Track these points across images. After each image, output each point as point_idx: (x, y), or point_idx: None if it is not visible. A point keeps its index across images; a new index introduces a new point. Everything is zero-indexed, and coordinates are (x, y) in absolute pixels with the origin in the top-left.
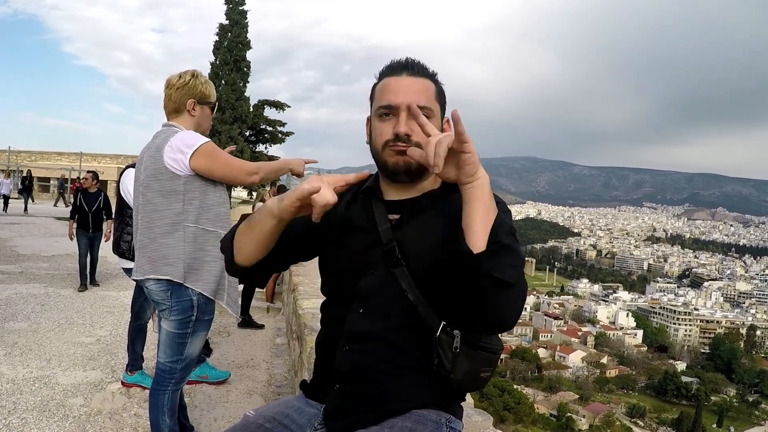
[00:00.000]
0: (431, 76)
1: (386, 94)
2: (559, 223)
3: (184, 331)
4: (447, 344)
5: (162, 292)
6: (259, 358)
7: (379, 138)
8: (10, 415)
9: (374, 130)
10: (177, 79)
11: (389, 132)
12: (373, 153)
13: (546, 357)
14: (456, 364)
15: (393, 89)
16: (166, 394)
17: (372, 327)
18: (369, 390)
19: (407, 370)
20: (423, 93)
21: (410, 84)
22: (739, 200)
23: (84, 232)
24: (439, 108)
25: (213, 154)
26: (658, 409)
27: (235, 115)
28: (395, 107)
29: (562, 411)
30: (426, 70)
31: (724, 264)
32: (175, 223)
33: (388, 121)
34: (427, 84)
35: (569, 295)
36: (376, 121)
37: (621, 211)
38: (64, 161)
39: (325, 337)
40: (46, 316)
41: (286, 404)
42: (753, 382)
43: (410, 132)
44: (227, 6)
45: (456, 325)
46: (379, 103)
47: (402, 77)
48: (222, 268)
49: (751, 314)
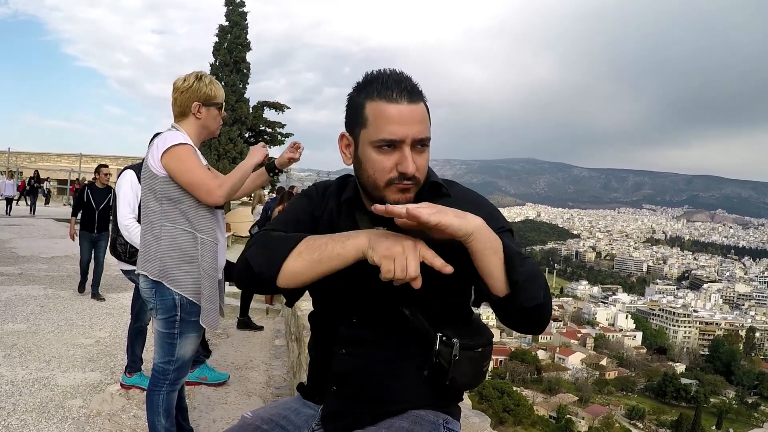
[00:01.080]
0: (423, 96)
1: (387, 125)
2: (558, 225)
3: (171, 331)
4: (446, 354)
5: (148, 289)
6: (258, 360)
7: (381, 174)
8: (9, 416)
9: (371, 161)
10: (181, 83)
11: (392, 168)
12: (369, 184)
13: (545, 359)
14: (459, 371)
15: (395, 120)
16: (161, 395)
17: (367, 334)
18: (367, 392)
19: (404, 371)
20: (423, 123)
21: (411, 114)
22: (738, 202)
23: (87, 233)
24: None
25: (181, 158)
26: (657, 411)
27: (235, 116)
28: (399, 142)
29: (562, 413)
30: (420, 92)
31: (724, 266)
32: (153, 222)
33: (390, 155)
34: (423, 109)
35: (568, 296)
36: (372, 152)
37: (620, 212)
38: (64, 162)
39: (318, 342)
40: (46, 317)
41: (283, 405)
42: (752, 384)
43: (417, 172)
44: (227, 7)
45: (452, 330)
46: (379, 134)
47: (402, 105)
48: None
49: (750, 316)
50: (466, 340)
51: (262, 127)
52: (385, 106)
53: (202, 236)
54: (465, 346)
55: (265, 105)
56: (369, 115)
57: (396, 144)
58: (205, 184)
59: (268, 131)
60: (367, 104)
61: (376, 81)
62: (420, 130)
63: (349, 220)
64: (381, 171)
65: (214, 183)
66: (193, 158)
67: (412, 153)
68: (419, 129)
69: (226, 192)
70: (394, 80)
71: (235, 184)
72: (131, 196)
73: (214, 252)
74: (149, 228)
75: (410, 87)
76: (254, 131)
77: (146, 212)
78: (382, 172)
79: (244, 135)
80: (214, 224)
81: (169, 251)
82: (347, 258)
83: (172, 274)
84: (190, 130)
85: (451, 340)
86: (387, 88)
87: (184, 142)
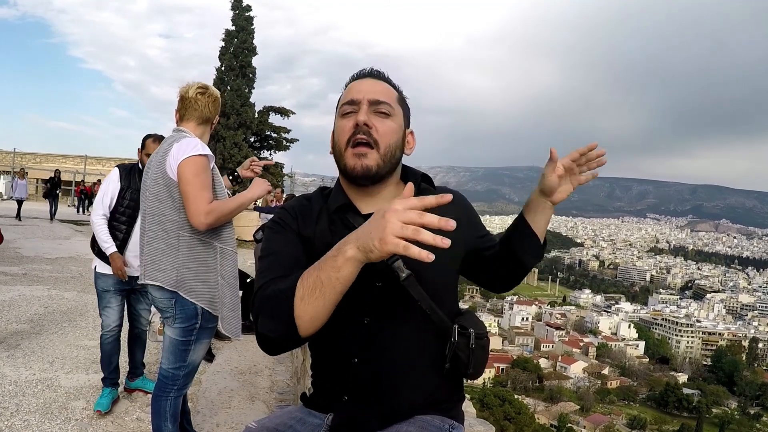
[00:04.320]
0: (393, 84)
1: (348, 94)
2: (562, 233)
3: (188, 338)
4: (464, 345)
5: (167, 299)
6: (262, 365)
7: (341, 136)
8: (12, 416)
9: (336, 129)
10: (215, 91)
11: (350, 126)
12: (336, 157)
13: (547, 367)
14: (475, 360)
15: (356, 89)
16: (168, 400)
17: (381, 336)
18: (381, 398)
19: (418, 371)
20: (384, 93)
21: (372, 83)
22: (742, 212)
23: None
24: (402, 112)
25: (192, 169)
26: (659, 420)
27: (240, 120)
28: (357, 101)
29: (563, 421)
30: (385, 75)
31: (727, 276)
32: (169, 230)
33: (350, 117)
34: (388, 87)
35: (571, 305)
36: (338, 121)
37: (624, 221)
38: (69, 164)
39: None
40: (50, 318)
41: (288, 415)
42: (755, 394)
43: (370, 123)
44: (234, 12)
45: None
46: (342, 102)
47: (364, 80)
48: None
49: (753, 327)
50: (478, 328)
51: (268, 131)
52: (351, 83)
53: (221, 245)
54: (478, 335)
55: (270, 110)
56: (341, 97)
57: (354, 108)
58: (196, 203)
59: (273, 136)
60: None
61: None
62: (377, 93)
63: (346, 228)
64: (341, 132)
65: (204, 207)
66: (205, 174)
67: (370, 114)
68: (377, 92)
69: (212, 220)
70: (366, 69)
71: (224, 215)
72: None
73: (234, 261)
74: (163, 236)
75: (375, 72)
76: (259, 136)
77: (160, 219)
78: (342, 133)
79: (249, 139)
80: (232, 233)
81: (187, 262)
82: (348, 276)
83: (190, 284)
84: (203, 137)
85: (468, 330)
86: (356, 75)
87: (203, 153)
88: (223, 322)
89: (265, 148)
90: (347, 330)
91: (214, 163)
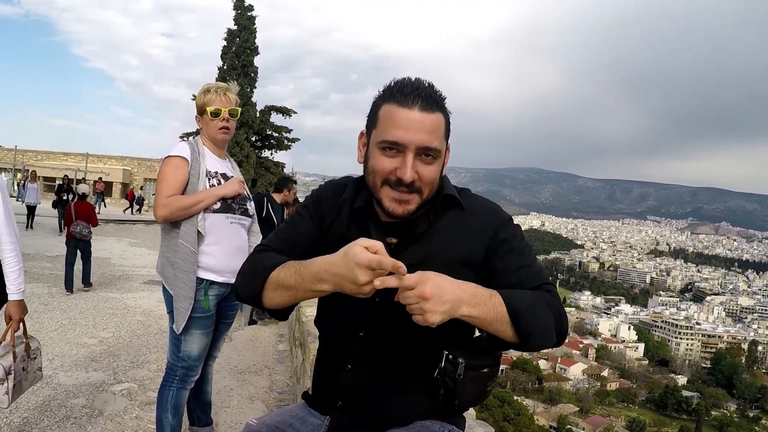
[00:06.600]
0: (443, 106)
1: (393, 128)
2: (562, 235)
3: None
4: (451, 373)
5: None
6: (261, 364)
7: (379, 174)
8: (11, 414)
9: (373, 159)
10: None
11: (391, 171)
12: (369, 183)
13: (547, 369)
14: (463, 390)
15: (403, 125)
16: (171, 391)
17: (374, 349)
18: (373, 406)
19: (410, 384)
20: (434, 132)
21: (422, 121)
22: (742, 215)
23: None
24: (446, 138)
25: (162, 168)
26: (658, 423)
27: (242, 120)
28: (403, 145)
29: (562, 423)
30: (439, 101)
31: (727, 279)
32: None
33: (392, 158)
34: (438, 119)
35: (571, 307)
36: (376, 151)
37: (624, 223)
38: (70, 162)
39: (325, 352)
40: (49, 316)
41: (288, 413)
42: (754, 397)
43: (416, 179)
44: (236, 11)
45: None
46: (383, 135)
47: (413, 111)
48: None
49: (753, 329)
50: (472, 359)
51: (269, 131)
52: (396, 109)
53: (179, 240)
54: (470, 366)
55: (272, 109)
56: (381, 116)
57: (399, 148)
58: (156, 197)
59: (274, 135)
60: (382, 106)
61: (396, 85)
62: (427, 139)
63: (360, 230)
64: (380, 171)
65: (160, 201)
66: (169, 170)
67: (416, 161)
68: (426, 138)
69: (167, 213)
70: (412, 86)
71: (179, 209)
72: None
73: (187, 257)
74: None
75: (426, 94)
76: (261, 135)
77: None
78: (380, 172)
79: (250, 138)
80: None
81: (165, 251)
82: (321, 294)
83: (165, 271)
84: (208, 127)
85: (457, 360)
86: (402, 92)
87: (176, 154)
88: (176, 312)
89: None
90: (342, 340)
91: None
